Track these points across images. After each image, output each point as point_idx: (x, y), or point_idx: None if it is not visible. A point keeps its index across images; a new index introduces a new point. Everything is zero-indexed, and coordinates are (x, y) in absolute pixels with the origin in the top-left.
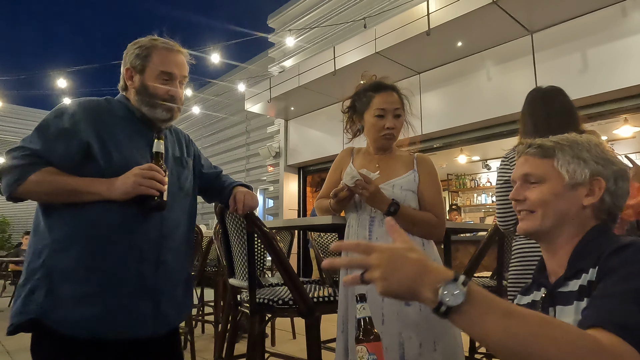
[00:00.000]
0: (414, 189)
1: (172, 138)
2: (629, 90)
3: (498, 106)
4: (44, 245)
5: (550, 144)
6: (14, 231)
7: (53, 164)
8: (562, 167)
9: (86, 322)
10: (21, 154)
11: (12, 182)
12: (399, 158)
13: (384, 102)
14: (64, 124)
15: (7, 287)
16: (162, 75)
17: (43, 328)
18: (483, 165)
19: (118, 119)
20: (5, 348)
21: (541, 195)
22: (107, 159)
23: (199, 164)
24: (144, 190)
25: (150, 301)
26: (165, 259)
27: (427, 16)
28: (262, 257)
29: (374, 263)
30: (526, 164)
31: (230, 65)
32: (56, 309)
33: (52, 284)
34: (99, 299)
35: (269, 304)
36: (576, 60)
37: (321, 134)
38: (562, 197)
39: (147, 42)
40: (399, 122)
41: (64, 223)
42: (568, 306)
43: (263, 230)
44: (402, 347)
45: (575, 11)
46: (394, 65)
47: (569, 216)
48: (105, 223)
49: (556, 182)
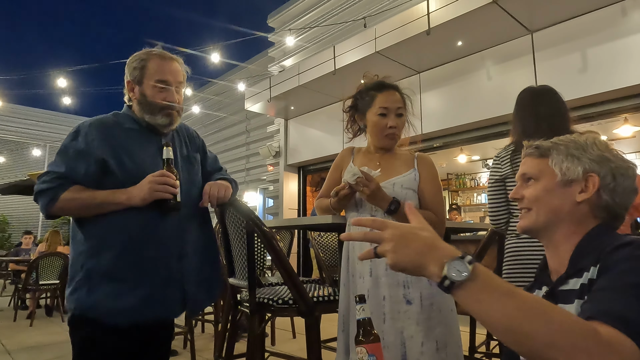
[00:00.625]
0: (414, 187)
1: (178, 138)
2: (629, 89)
3: (498, 106)
4: (80, 252)
5: (547, 144)
6: (13, 231)
7: (78, 182)
8: (556, 165)
9: (126, 313)
10: (50, 177)
11: (47, 203)
12: (399, 157)
13: (387, 101)
14: (80, 145)
15: (7, 286)
16: (158, 84)
17: (86, 320)
18: (483, 164)
19: (127, 131)
20: (6, 347)
21: (535, 192)
22: (123, 170)
23: (203, 157)
24: (159, 195)
25: (177, 289)
26: (187, 250)
27: (427, 15)
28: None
29: (386, 237)
30: (524, 165)
31: (230, 64)
32: (99, 304)
33: (92, 283)
34: (134, 292)
35: (269, 304)
36: (576, 60)
37: (321, 134)
38: (555, 194)
39: (142, 54)
40: (401, 121)
41: (96, 231)
42: (569, 304)
43: (263, 229)
44: (404, 346)
45: (575, 11)
46: (394, 64)
47: (562, 212)
48: (130, 227)
49: (549, 179)
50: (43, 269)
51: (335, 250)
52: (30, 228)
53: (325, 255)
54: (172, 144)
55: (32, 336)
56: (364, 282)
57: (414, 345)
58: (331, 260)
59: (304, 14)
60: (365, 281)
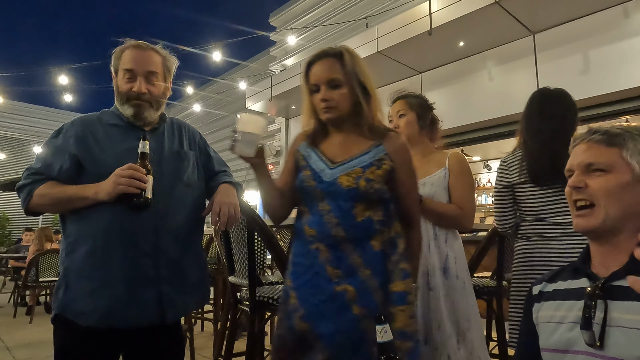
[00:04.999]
0: (444, 185)
1: (171, 133)
2: (630, 91)
3: (499, 106)
4: (63, 249)
5: (618, 131)
6: (13, 227)
7: (53, 178)
8: (632, 157)
9: (96, 314)
10: (27, 174)
11: (23, 199)
12: (432, 158)
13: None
14: (58, 142)
15: (6, 283)
16: (126, 74)
17: (64, 320)
18: (484, 165)
19: (108, 127)
20: (5, 344)
21: (606, 184)
22: (96, 165)
23: (204, 158)
24: (123, 189)
25: (152, 290)
26: (166, 249)
27: (429, 16)
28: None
29: None
30: (589, 152)
31: (231, 63)
32: (72, 303)
33: (68, 282)
34: (104, 292)
35: (269, 302)
36: (578, 61)
37: None
38: (630, 190)
39: (123, 46)
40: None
41: (72, 228)
42: (627, 302)
43: (263, 228)
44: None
45: (577, 12)
46: (395, 64)
47: (635, 212)
48: (101, 223)
49: (624, 172)
50: (43, 266)
51: None
52: (30, 225)
53: None
54: (158, 138)
55: (32, 333)
56: None
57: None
58: None
59: (306, 13)
60: None
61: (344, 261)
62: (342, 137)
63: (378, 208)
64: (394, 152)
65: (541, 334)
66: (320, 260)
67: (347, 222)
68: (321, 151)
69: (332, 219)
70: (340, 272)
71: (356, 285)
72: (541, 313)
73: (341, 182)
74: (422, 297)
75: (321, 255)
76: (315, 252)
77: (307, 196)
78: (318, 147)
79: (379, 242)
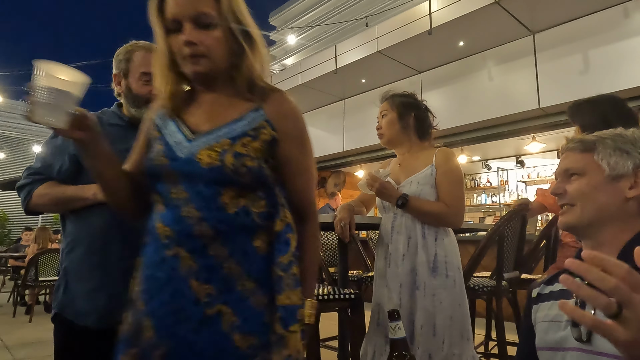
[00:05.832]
0: (431, 182)
1: None
2: (630, 91)
3: (499, 106)
4: (62, 249)
5: (591, 138)
6: (13, 227)
7: (53, 178)
8: (603, 160)
9: (95, 314)
10: (27, 174)
11: (23, 199)
12: (420, 156)
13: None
14: (57, 142)
15: (6, 282)
16: (143, 77)
17: (64, 320)
18: (483, 165)
19: (108, 126)
20: (5, 343)
21: (580, 187)
22: None
23: None
24: None
25: None
26: None
27: (429, 15)
28: None
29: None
30: (567, 159)
31: None
32: (71, 303)
33: (68, 282)
34: (103, 292)
35: None
36: (578, 61)
37: (322, 133)
38: (602, 190)
39: (129, 46)
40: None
41: (71, 228)
42: None
43: None
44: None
45: (577, 12)
46: (395, 64)
47: (610, 209)
48: (99, 224)
49: (595, 174)
50: (42, 265)
51: (334, 249)
52: (30, 224)
53: (325, 255)
54: None
55: (31, 332)
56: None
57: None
58: (331, 259)
59: (306, 12)
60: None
61: (216, 272)
62: (212, 99)
63: (257, 195)
64: (278, 117)
65: (537, 334)
66: (182, 272)
67: (214, 215)
68: (182, 120)
69: (193, 212)
70: (212, 288)
71: (234, 305)
72: (538, 314)
73: (200, 159)
74: (409, 295)
75: (182, 264)
76: (173, 261)
77: (158, 180)
78: (180, 115)
79: (264, 241)
